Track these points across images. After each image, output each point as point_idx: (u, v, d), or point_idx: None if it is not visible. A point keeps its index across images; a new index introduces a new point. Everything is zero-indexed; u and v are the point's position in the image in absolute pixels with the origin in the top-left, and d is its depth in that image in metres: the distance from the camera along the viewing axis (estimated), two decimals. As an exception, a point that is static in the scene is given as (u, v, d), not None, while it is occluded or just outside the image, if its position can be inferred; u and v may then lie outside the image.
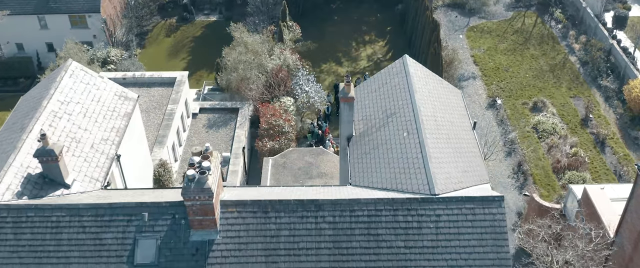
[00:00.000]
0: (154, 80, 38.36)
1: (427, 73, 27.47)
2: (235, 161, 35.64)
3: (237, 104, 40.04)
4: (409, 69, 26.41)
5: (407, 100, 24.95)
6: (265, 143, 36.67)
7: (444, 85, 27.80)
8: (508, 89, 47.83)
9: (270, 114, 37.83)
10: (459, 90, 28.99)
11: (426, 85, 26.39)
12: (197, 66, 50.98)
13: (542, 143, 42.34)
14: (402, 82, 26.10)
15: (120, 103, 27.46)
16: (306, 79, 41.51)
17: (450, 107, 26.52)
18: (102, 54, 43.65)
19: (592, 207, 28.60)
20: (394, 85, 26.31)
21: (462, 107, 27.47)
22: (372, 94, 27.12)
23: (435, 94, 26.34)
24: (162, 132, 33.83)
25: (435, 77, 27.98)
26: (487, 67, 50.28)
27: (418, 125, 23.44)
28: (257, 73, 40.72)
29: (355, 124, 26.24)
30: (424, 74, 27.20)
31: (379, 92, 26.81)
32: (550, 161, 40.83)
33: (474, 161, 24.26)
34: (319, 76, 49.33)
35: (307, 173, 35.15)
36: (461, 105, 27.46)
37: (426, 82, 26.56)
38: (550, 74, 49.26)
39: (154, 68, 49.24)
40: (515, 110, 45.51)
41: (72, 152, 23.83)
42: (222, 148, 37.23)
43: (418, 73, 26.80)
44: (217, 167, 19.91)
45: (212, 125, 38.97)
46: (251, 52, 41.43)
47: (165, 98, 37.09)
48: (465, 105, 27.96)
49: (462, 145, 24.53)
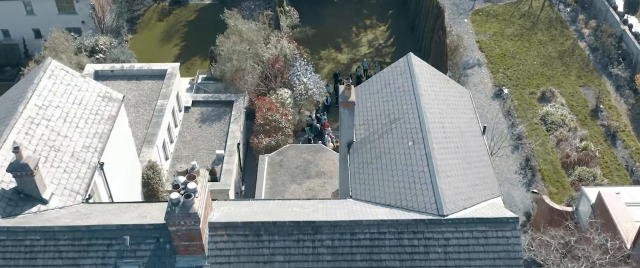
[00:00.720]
0: (143, 73, 36.42)
1: (433, 72, 25.57)
2: (229, 159, 33.89)
3: (232, 97, 38.16)
4: (414, 69, 24.50)
5: (412, 105, 23.10)
6: (261, 139, 34.89)
7: (451, 86, 25.91)
8: (515, 77, 45.88)
9: (266, 108, 35.98)
10: (467, 90, 27.11)
11: (433, 86, 24.50)
12: (190, 53, 48.94)
13: (551, 136, 40.57)
14: (406, 83, 24.21)
15: (104, 105, 25.59)
16: (304, 69, 39.56)
17: (458, 110, 24.67)
18: (90, 43, 41.63)
19: (607, 213, 26.94)
20: (398, 87, 24.43)
21: (471, 109, 25.62)
22: (374, 95, 25.24)
23: (442, 96, 24.47)
24: (152, 130, 32.01)
25: (442, 76, 26.09)
26: (493, 54, 48.25)
27: (424, 133, 21.63)
28: (252, 63, 38.76)
29: (356, 128, 24.42)
30: (430, 74, 25.29)
31: (381, 94, 24.94)
32: (559, 155, 39.11)
33: (484, 172, 22.50)
34: (318, 63, 47.35)
35: (305, 172, 33.42)
36: (469, 108, 25.61)
37: (432, 84, 24.67)
38: (559, 61, 47.26)
39: (145, 55, 47.26)
40: (523, 100, 43.62)
41: (50, 163, 22.04)
42: (215, 144, 35.46)
43: (424, 73, 24.89)
44: (204, 188, 18.14)
45: (205, 119, 37.13)
46: (246, 41, 39.41)
47: (155, 92, 35.20)
48: (474, 107, 26.11)
49: (471, 154, 22.74)
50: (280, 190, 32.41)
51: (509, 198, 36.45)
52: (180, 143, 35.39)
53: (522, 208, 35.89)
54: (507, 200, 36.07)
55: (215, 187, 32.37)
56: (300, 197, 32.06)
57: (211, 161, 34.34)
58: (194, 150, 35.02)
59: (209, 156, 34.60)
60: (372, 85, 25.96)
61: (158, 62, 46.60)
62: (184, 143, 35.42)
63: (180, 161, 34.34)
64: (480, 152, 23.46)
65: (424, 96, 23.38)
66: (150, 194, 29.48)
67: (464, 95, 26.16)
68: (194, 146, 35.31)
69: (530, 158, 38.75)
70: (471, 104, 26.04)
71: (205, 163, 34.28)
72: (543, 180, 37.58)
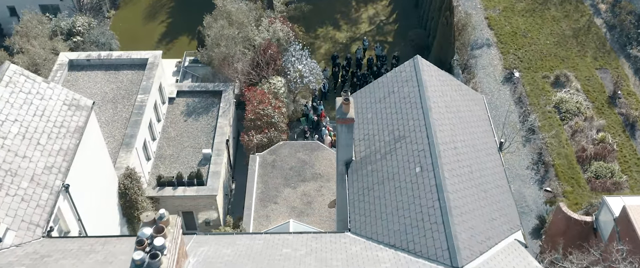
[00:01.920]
0: (122, 62, 33.23)
1: (444, 78, 22.49)
2: (216, 159, 31.03)
3: (220, 86, 35.06)
4: (422, 76, 21.42)
5: (420, 120, 20.13)
6: (251, 137, 31.96)
7: (463, 92, 22.87)
8: (526, 58, 42.66)
9: (257, 101, 32.93)
10: (481, 95, 24.06)
11: (443, 96, 21.47)
12: (177, 30, 45.55)
13: (565, 126, 37.66)
14: (413, 93, 21.17)
15: (71, 115, 22.59)
16: (299, 54, 36.33)
17: (472, 123, 21.70)
18: (67, 25, 38.26)
19: (633, 231, 24.22)
20: (403, 97, 21.40)
21: (486, 119, 22.66)
22: (375, 105, 22.23)
23: (454, 108, 21.47)
24: (130, 131, 29.04)
25: (453, 81, 23.00)
26: (503, 32, 44.89)
27: (434, 157, 18.73)
28: (242, 49, 35.52)
29: (355, 143, 21.51)
30: (440, 80, 22.22)
31: (384, 104, 21.92)
32: (574, 148, 36.28)
33: (502, 200, 19.70)
34: (314, 43, 44.07)
35: (299, 175, 30.65)
36: (484, 118, 22.64)
37: (443, 92, 21.63)
38: (574, 40, 43.95)
39: (127, 35, 43.97)
40: (535, 85, 40.52)
41: (5, 190, 19.19)
42: (202, 141, 32.54)
43: (433, 80, 21.82)
44: (175, 241, 15.30)
45: (191, 111, 34.12)
46: (235, 24, 36.07)
47: (135, 84, 32.09)
48: (489, 116, 23.12)
49: (487, 178, 19.90)
50: (272, 195, 29.70)
51: (520, 197, 33.76)
52: (164, 140, 32.47)
53: (535, 209, 33.24)
54: (518, 199, 33.40)
55: (202, 192, 29.62)
56: (295, 202, 29.39)
57: (197, 161, 31.51)
58: (179, 149, 32.13)
59: (195, 155, 31.75)
60: (373, 91, 22.91)
61: (141, 42, 43.53)
62: (167, 140, 32.51)
63: (164, 161, 31.50)
64: (497, 174, 20.60)
65: (433, 110, 20.37)
66: (128, 205, 26.76)
67: (478, 102, 23.15)
68: (179, 143, 32.41)
69: (543, 151, 35.93)
70: (486, 112, 23.06)
71: (190, 163, 31.44)
72: (557, 177, 34.85)
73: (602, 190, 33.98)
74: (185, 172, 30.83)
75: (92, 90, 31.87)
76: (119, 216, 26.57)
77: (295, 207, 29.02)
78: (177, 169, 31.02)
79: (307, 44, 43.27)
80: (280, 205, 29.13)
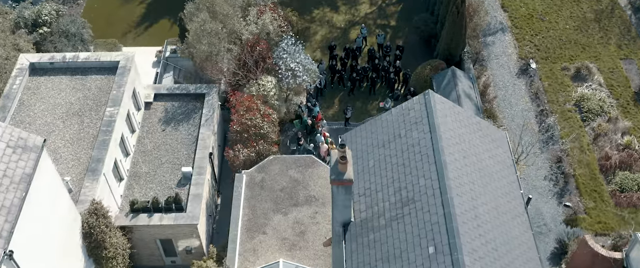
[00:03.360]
0: (90, 65, 29.27)
1: (460, 117, 18.78)
2: (198, 179, 27.49)
3: (203, 88, 31.20)
4: (434, 119, 17.72)
5: (433, 179, 16.57)
6: (237, 152, 28.32)
7: (483, 132, 19.19)
8: (544, 46, 38.60)
9: (243, 110, 29.16)
10: (503, 132, 20.36)
11: (460, 143, 17.82)
12: (158, 12, 41.25)
13: (587, 127, 34.00)
14: (424, 140, 17.51)
15: (16, 160, 18.96)
16: (292, 50, 32.31)
17: (495, 175, 18.15)
18: (31, 14, 34.03)
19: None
20: (412, 144, 17.75)
21: (510, 166, 19.05)
22: (378, 150, 18.59)
23: (474, 157, 17.86)
24: (97, 154, 25.37)
25: (471, 118, 19.29)
26: (518, 15, 40.66)
27: (451, 235, 15.27)
28: (227, 45, 31.50)
29: (355, 198, 17.98)
30: (457, 121, 18.52)
31: (389, 150, 18.28)
32: (596, 155, 32.73)
33: (532, 280, 16.32)
34: (309, 28, 39.89)
35: (291, 198, 27.17)
36: (508, 164, 19.06)
37: (460, 138, 17.96)
38: (596, 24, 39.80)
39: (102, 18, 39.93)
40: (554, 78, 36.63)
41: None
42: (182, 156, 28.93)
43: (447, 121, 18.11)
44: None
45: (170, 119, 30.37)
46: (219, 16, 31.91)
47: (104, 93, 28.25)
48: (513, 158, 19.48)
49: (514, 253, 16.45)
50: (260, 223, 26.30)
51: (537, 214, 30.42)
52: (139, 154, 28.84)
53: (554, 228, 29.91)
54: (534, 217, 30.07)
55: (180, 220, 26.23)
56: (286, 233, 26.02)
57: (176, 180, 27.98)
58: (156, 165, 28.53)
59: (174, 173, 28.20)
60: (376, 130, 19.23)
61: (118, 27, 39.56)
62: (143, 154, 28.87)
63: (139, 181, 27.96)
64: (525, 243, 17.17)
65: (449, 165, 16.77)
66: (95, 246, 23.40)
67: (500, 142, 19.50)
68: (156, 158, 28.79)
69: (562, 159, 32.36)
70: (509, 156, 19.41)
71: (168, 183, 27.93)
72: (577, 189, 31.41)
73: (627, 205, 30.68)
74: (162, 193, 27.38)
75: (56, 100, 28.05)
76: (84, 259, 23.25)
77: (286, 238, 25.68)
78: (153, 190, 27.55)
79: (301, 29, 39.15)
80: (269, 236, 25.78)
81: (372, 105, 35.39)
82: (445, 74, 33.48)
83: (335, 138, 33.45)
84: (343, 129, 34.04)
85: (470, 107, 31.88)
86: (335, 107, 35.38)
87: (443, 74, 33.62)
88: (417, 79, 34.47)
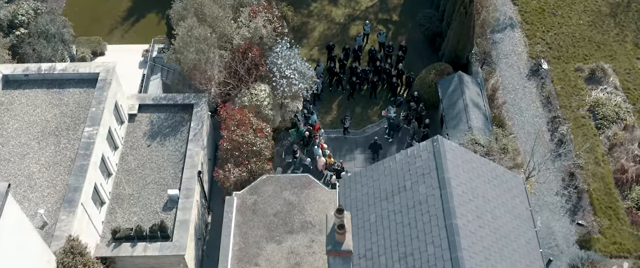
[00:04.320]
0: (68, 77, 27.04)
1: (473, 165, 16.72)
2: (185, 203, 25.51)
3: (191, 98, 29.03)
4: (445, 172, 15.65)
5: (444, 248, 14.57)
6: (228, 172, 26.26)
7: (498, 179, 17.15)
8: (556, 44, 36.26)
9: (234, 125, 27.02)
10: (519, 177, 18.27)
11: (474, 199, 15.80)
12: (146, 5, 38.73)
13: (602, 136, 31.94)
14: (433, 198, 15.48)
15: (-26, 211, 16.94)
16: (287, 56, 30.01)
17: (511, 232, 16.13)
18: (7, 15, 31.60)
19: None
20: (420, 200, 15.74)
21: (528, 219, 17.07)
22: (381, 203, 16.58)
23: (488, 213, 15.85)
24: (74, 181, 23.29)
25: (485, 166, 17.22)
26: (528, 9, 38.19)
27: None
28: (217, 50, 29.20)
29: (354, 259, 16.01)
30: (469, 169, 16.47)
31: (393, 204, 16.26)
32: (611, 167, 30.74)
33: None
34: (307, 22, 37.46)
35: (286, 224, 25.22)
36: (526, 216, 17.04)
37: (474, 193, 15.92)
38: (611, 19, 37.38)
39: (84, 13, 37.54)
40: (566, 80, 34.39)
41: None
42: (168, 175, 26.90)
43: (460, 173, 16.05)
44: None
45: (155, 133, 28.25)
46: (208, 18, 29.54)
47: (83, 108, 26.08)
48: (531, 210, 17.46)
49: None
50: (252, 253, 24.40)
51: (549, 233, 28.55)
52: (122, 173, 26.79)
53: (566, 250, 28.06)
54: (546, 237, 28.22)
55: (166, 250, 24.34)
56: (280, 264, 24.13)
57: (162, 203, 26.01)
58: (140, 186, 26.51)
59: (160, 195, 26.21)
60: (379, 178, 17.17)
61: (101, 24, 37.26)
62: (126, 173, 26.83)
63: (122, 204, 25.98)
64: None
65: (462, 230, 14.76)
66: (71, 287, 21.52)
67: (517, 193, 17.50)
68: (141, 178, 26.76)
69: (575, 172, 30.34)
70: (527, 205, 17.40)
71: (153, 206, 25.96)
72: (591, 206, 29.50)
73: (644, 224, 28.83)
74: (147, 218, 25.45)
75: (31, 117, 25.89)
76: (59, 301, 21.42)
77: (280, 271, 23.83)
78: (137, 215, 25.60)
79: (298, 25, 36.77)
80: (262, 268, 23.93)
81: (372, 111, 33.22)
82: (452, 80, 31.23)
83: (333, 148, 31.43)
84: (342, 138, 32.01)
85: (478, 117, 29.73)
86: (334, 113, 33.20)
87: (449, 79, 31.37)
88: (421, 84, 32.23)
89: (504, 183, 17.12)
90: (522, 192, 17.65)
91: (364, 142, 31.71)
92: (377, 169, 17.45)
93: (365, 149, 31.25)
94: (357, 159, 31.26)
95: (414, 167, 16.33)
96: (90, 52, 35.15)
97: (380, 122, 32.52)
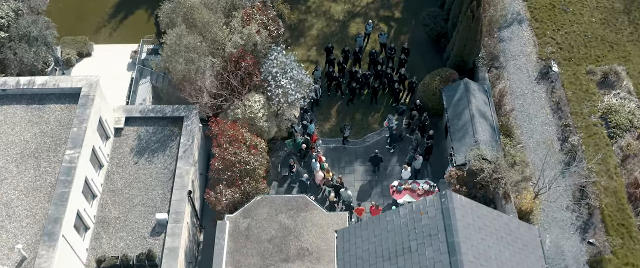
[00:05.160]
0: (48, 92, 25.34)
1: (485, 222, 15.15)
2: (174, 228, 24.05)
3: (181, 110, 27.36)
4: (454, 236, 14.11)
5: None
6: (219, 194, 24.73)
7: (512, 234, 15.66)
8: (567, 44, 34.41)
9: (227, 142, 25.42)
10: (535, 230, 16.75)
11: (486, 263, 14.28)
12: (134, 2, 36.70)
13: (614, 145, 30.37)
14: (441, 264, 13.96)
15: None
16: (282, 63, 28.22)
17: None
18: (-16, 18, 29.73)
19: None
20: (426, 264, 14.25)
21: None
22: (383, 264, 15.07)
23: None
24: (55, 212, 21.75)
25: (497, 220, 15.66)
26: (538, 5, 36.22)
27: None
28: (209, 58, 27.42)
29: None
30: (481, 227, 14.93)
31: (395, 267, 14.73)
32: (624, 180, 29.23)
33: None
34: (305, 20, 35.52)
35: (281, 251, 23.84)
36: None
37: (486, 255, 14.43)
38: (625, 16, 35.47)
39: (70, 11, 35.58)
40: (578, 84, 32.65)
41: None
42: (157, 196, 25.39)
43: (471, 233, 14.52)
44: None
45: (143, 149, 26.66)
46: (198, 26, 27.70)
47: (64, 127, 24.45)
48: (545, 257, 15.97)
49: None
50: (246, 284, 23.07)
51: (558, 252, 27.15)
52: (108, 194, 25.28)
53: (576, 271, 26.74)
54: (554, 256, 26.83)
55: (154, 282, 22.97)
56: (274, 296, 22.82)
57: (150, 228, 24.54)
58: (127, 208, 25.02)
59: (147, 218, 24.74)
60: (381, 234, 15.66)
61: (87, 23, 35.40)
62: (112, 194, 25.32)
63: (108, 229, 24.51)
64: None
65: (472, 303, 13.27)
66: (51, 328, 20.19)
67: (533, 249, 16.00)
68: (127, 200, 25.25)
69: (586, 186, 28.82)
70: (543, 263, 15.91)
71: (141, 231, 24.50)
72: (603, 222, 28.07)
73: (659, 242, 27.43)
74: (134, 244, 24.03)
75: (9, 137, 24.26)
76: None
77: (275, 305, 22.51)
78: (123, 240, 24.17)
79: (294, 23, 34.85)
80: (255, 302, 22.60)
81: (373, 118, 31.54)
82: (457, 87, 29.49)
83: (332, 159, 29.86)
84: (341, 148, 30.39)
85: (485, 128, 28.08)
86: (333, 120, 31.52)
87: (454, 86, 29.63)
88: (425, 91, 30.46)
89: (518, 239, 15.63)
90: (537, 246, 16.19)
91: (364, 153, 30.10)
92: (379, 223, 15.92)
93: (365, 161, 29.67)
94: (357, 171, 29.70)
95: (419, 225, 14.81)
96: (75, 54, 33.41)
97: (381, 130, 30.89)
